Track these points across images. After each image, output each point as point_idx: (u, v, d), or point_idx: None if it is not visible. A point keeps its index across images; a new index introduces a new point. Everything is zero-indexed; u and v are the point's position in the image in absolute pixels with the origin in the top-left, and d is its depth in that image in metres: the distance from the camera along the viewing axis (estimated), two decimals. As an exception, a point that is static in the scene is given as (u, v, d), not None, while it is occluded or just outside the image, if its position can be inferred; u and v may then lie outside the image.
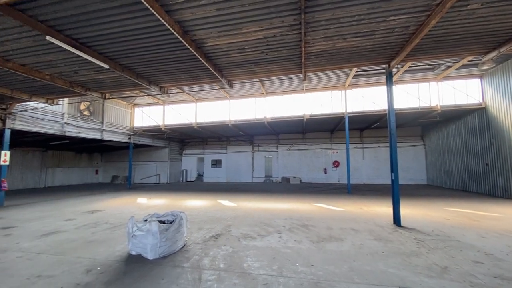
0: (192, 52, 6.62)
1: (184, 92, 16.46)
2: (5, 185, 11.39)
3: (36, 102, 11.84)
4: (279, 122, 17.87)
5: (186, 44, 6.03)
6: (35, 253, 5.00)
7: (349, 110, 15.45)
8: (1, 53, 6.98)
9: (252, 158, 25.14)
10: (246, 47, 6.60)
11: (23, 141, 17.83)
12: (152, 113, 19.90)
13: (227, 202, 11.60)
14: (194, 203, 11.46)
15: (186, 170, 27.06)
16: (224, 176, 25.63)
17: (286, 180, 23.37)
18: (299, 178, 23.13)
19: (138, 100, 19.15)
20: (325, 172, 22.85)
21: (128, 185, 20.37)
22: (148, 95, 15.93)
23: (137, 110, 20.28)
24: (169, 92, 10.89)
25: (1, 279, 3.89)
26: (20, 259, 4.68)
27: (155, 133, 21.34)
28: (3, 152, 11.37)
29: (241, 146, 25.51)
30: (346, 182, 18.70)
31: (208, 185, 21.95)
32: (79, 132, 15.53)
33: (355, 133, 22.16)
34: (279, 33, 5.96)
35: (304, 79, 9.13)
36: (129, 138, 19.92)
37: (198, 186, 21.15)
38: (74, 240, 5.86)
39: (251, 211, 9.27)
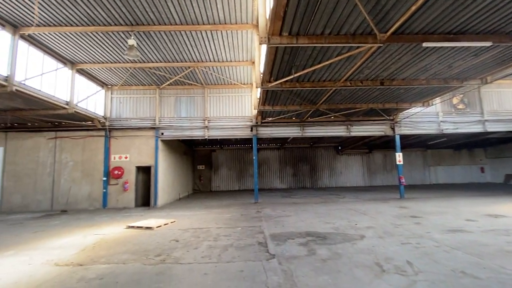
0: None
1: None
2: (403, 180, 13.92)
3: (414, 108, 13.33)
4: None
5: None
6: (449, 247, 5.23)
7: None
8: (388, 76, 8.82)
9: None
10: None
11: (407, 144, 20.94)
12: None
13: None
14: None
15: None
16: None
17: None
18: None
19: None
20: None
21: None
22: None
23: None
24: None
25: (426, 262, 4.50)
26: (437, 249, 5.16)
27: None
28: (397, 154, 14.13)
29: None
30: None
31: None
32: (456, 128, 14.75)
33: None
34: None
35: None
36: (526, 125, 14.91)
37: None
38: (486, 245, 5.31)
39: None
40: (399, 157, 14.06)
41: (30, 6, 7.66)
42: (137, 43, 9.14)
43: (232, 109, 14.43)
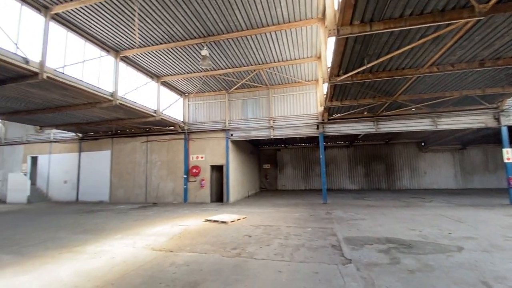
0: None
1: None
2: (515, 183, 11.14)
3: (530, 91, 10.52)
4: None
5: None
6: None
7: None
8: (490, 55, 7.20)
9: None
10: None
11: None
12: None
13: None
14: None
15: None
16: None
17: None
18: None
19: None
20: None
21: None
22: None
23: None
24: None
25: None
26: None
27: None
28: (504, 150, 11.40)
29: None
30: None
31: None
32: None
33: None
34: None
35: None
36: None
37: None
38: None
39: None
40: (507, 153, 11.33)
41: (129, 34, 9.25)
42: (209, 53, 9.97)
43: (297, 107, 14.26)
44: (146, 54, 10.90)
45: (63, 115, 12.18)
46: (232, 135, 14.70)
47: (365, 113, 13.05)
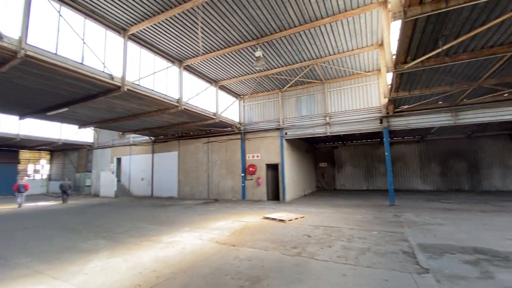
0: None
1: None
2: None
3: None
4: None
5: None
6: None
7: None
8: None
9: None
10: None
11: None
12: None
13: None
14: None
15: None
16: None
17: None
18: None
19: None
20: None
21: None
22: None
23: None
24: None
25: None
26: None
27: None
28: None
29: None
30: None
31: None
32: None
33: None
34: None
35: None
36: None
37: None
38: None
39: None
40: None
41: (191, 45, 10.09)
42: (262, 54, 10.13)
43: (356, 101, 13.33)
44: (205, 61, 11.71)
45: (139, 121, 14.02)
46: (286, 133, 14.63)
47: (440, 102, 11.36)
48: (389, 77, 10.45)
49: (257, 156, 15.13)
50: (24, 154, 24.13)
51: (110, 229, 7.95)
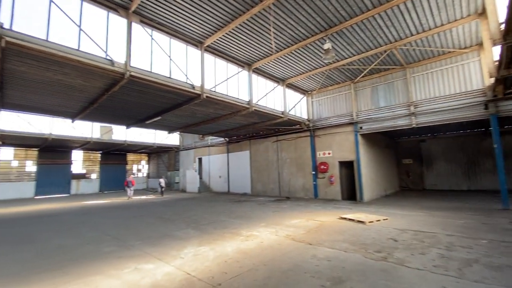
0: None
1: None
2: None
3: None
4: None
5: None
6: None
7: None
8: None
9: None
10: None
11: None
12: None
13: None
14: None
15: None
16: None
17: None
18: None
19: None
20: None
21: None
22: None
23: None
24: None
25: None
26: None
27: None
28: None
29: None
30: None
31: None
32: None
33: None
34: None
35: None
36: None
37: None
38: None
39: None
40: None
41: (258, 48, 10.48)
42: (331, 45, 9.64)
43: (448, 85, 11.25)
44: (272, 62, 11.92)
45: (215, 125, 15.37)
46: (361, 127, 13.53)
47: None
48: (495, 51, 8.43)
49: (329, 153, 14.51)
50: (129, 157, 29.70)
51: (197, 220, 9.00)
